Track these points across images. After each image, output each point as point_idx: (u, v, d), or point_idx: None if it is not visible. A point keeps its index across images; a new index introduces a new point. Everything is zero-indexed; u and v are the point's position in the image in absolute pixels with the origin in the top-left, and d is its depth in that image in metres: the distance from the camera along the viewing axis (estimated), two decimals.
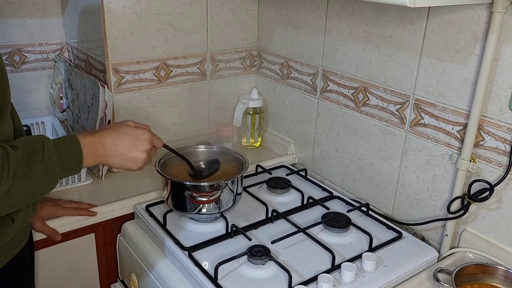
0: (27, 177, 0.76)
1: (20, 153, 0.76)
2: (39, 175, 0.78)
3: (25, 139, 0.81)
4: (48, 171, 0.80)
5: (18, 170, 0.75)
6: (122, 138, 0.92)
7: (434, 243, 1.18)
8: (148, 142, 0.95)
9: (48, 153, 0.80)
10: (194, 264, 1.02)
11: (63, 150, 0.82)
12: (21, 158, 0.76)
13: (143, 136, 0.95)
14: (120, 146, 0.91)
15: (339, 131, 1.38)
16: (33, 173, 0.77)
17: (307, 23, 1.41)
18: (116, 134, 0.92)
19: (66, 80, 1.56)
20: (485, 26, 0.98)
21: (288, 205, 1.27)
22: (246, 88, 1.67)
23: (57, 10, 1.57)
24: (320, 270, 1.00)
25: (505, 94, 0.98)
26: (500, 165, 1.02)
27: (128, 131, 0.94)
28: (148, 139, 0.95)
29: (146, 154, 0.94)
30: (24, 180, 0.76)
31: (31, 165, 0.77)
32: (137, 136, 0.94)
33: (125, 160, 0.93)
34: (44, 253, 1.17)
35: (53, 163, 0.80)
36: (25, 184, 0.77)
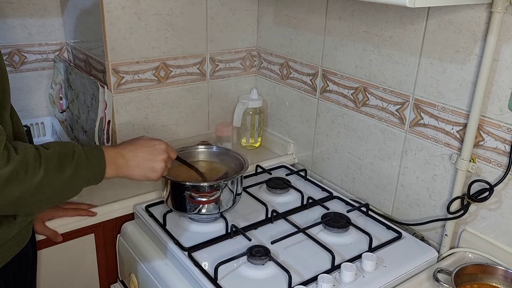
0: (57, 174, 0.78)
1: (51, 151, 0.79)
2: (68, 175, 0.80)
3: (56, 142, 0.84)
4: (77, 174, 0.82)
5: (50, 165, 0.77)
6: (140, 149, 0.97)
7: (434, 243, 1.18)
8: (165, 152, 1.00)
9: (78, 156, 0.83)
10: (194, 265, 1.02)
11: (90, 157, 0.86)
12: (52, 156, 0.78)
13: (159, 146, 1.00)
14: (140, 157, 0.96)
15: (339, 131, 1.38)
16: (63, 172, 0.79)
17: (307, 23, 1.41)
18: (134, 146, 0.97)
19: (66, 80, 1.56)
20: (484, 26, 0.98)
21: (288, 205, 1.27)
22: (246, 88, 1.67)
23: (57, 10, 1.57)
24: (320, 270, 1.00)
25: (505, 94, 0.98)
26: (500, 165, 1.02)
27: (144, 143, 0.99)
28: (164, 149, 1.00)
29: (163, 163, 0.99)
30: (54, 177, 0.78)
31: (62, 164, 0.79)
32: (154, 147, 0.99)
33: (145, 170, 0.97)
34: (44, 253, 1.17)
35: (82, 167, 0.83)
36: (55, 182, 0.78)
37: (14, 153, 0.73)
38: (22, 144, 0.76)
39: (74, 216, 1.16)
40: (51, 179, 0.77)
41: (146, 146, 0.98)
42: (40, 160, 0.76)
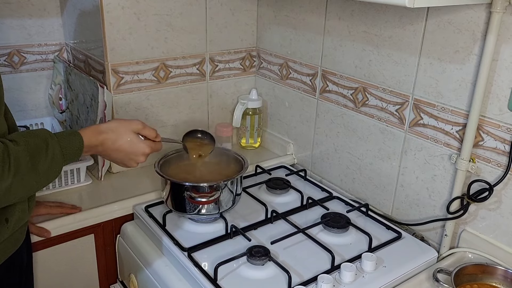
0: (29, 173, 0.76)
1: (21, 149, 0.76)
2: (42, 171, 0.78)
3: (27, 133, 0.81)
4: (51, 168, 0.80)
5: (20, 167, 0.74)
6: (118, 152, 0.96)
7: (434, 243, 1.18)
8: (144, 157, 1.00)
9: (52, 150, 0.80)
10: (193, 265, 1.02)
11: (66, 146, 0.83)
12: (23, 155, 0.75)
13: (143, 150, 0.99)
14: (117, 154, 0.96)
15: (339, 131, 1.38)
16: (36, 170, 0.77)
17: (306, 23, 1.41)
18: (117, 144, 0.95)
19: (65, 81, 1.56)
20: (484, 26, 0.98)
21: (288, 205, 1.27)
22: (245, 89, 1.67)
23: (56, 11, 1.57)
24: (320, 271, 1.00)
25: (504, 94, 0.98)
26: (500, 165, 1.02)
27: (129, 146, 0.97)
28: (145, 154, 1.00)
29: (144, 158, 1.00)
30: (25, 177, 0.76)
31: (34, 163, 0.77)
32: (132, 153, 0.98)
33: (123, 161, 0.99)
34: (43, 254, 1.17)
35: (56, 160, 0.81)
36: (27, 181, 0.76)
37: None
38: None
39: (57, 214, 1.16)
40: (22, 180, 0.75)
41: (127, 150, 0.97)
42: (10, 160, 0.73)
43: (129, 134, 0.97)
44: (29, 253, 1.02)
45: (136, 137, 0.98)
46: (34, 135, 0.81)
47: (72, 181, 1.32)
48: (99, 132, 0.93)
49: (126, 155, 0.97)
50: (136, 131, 0.99)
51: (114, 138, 0.95)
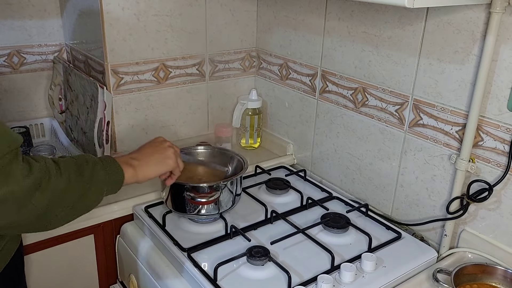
0: (78, 178, 0.79)
1: (67, 159, 0.81)
2: (87, 179, 0.81)
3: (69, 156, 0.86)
4: (95, 178, 0.83)
5: (70, 171, 0.78)
6: (144, 147, 1.02)
7: (434, 243, 1.18)
8: (164, 140, 1.04)
9: (92, 161, 0.84)
10: (193, 265, 1.02)
11: (105, 163, 0.87)
12: (69, 162, 0.80)
13: (158, 138, 1.05)
14: (148, 152, 1.00)
15: (338, 132, 1.38)
16: (83, 176, 0.80)
17: (306, 24, 1.41)
18: (137, 149, 1.01)
19: (65, 81, 1.56)
20: (483, 26, 0.98)
21: (288, 205, 1.27)
22: (245, 89, 1.67)
23: (56, 12, 1.58)
24: (320, 271, 1.00)
25: (504, 94, 0.98)
26: (499, 165, 1.02)
27: (144, 144, 1.04)
28: (162, 139, 1.05)
29: (171, 148, 1.03)
30: (76, 181, 0.79)
31: (80, 169, 0.81)
32: (153, 141, 1.04)
33: (160, 161, 1.00)
34: (43, 255, 1.17)
35: (99, 170, 0.84)
36: (78, 186, 0.79)
37: (34, 162, 0.73)
38: (39, 155, 0.77)
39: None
40: (74, 183, 0.78)
41: (147, 144, 1.03)
42: (59, 166, 0.77)
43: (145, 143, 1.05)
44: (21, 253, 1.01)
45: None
46: (74, 155, 0.86)
47: None
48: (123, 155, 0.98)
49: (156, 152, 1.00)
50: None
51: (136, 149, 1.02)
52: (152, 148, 1.01)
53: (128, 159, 0.95)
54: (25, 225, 0.75)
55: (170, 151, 1.02)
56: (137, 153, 0.99)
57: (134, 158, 0.96)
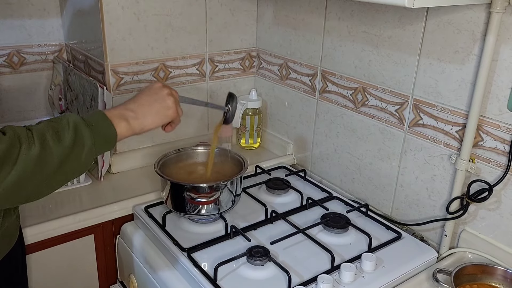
0: (56, 144, 0.74)
1: (43, 125, 0.75)
2: (68, 144, 0.75)
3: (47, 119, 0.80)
4: (78, 141, 0.77)
5: (45, 138, 0.73)
6: (140, 96, 0.92)
7: (433, 244, 1.18)
8: (163, 87, 0.94)
9: (74, 123, 0.78)
10: (193, 265, 1.02)
11: (89, 119, 0.80)
12: (45, 129, 0.74)
13: (155, 85, 0.95)
14: (145, 103, 0.91)
15: (338, 132, 1.38)
16: (62, 141, 0.75)
17: (306, 23, 1.41)
18: (133, 98, 0.92)
19: (65, 81, 1.56)
20: (483, 26, 0.98)
21: (288, 205, 1.27)
22: (245, 89, 1.67)
23: (56, 11, 1.57)
24: (320, 271, 1.00)
25: (504, 94, 0.98)
26: (499, 165, 1.02)
27: (141, 91, 0.94)
28: (161, 85, 0.95)
29: (171, 97, 0.94)
30: (53, 148, 0.73)
31: (59, 134, 0.75)
32: (151, 88, 0.94)
33: (158, 112, 0.92)
34: (43, 255, 1.17)
35: (83, 132, 0.78)
36: (55, 153, 0.74)
37: (1, 134, 0.69)
38: (9, 126, 0.72)
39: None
40: (50, 151, 0.73)
41: (143, 91, 0.94)
42: (33, 134, 0.72)
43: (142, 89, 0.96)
44: (23, 250, 1.01)
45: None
46: (54, 118, 0.80)
47: (71, 182, 1.31)
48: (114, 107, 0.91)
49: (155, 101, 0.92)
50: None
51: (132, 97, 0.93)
52: (149, 97, 0.92)
53: (123, 110, 0.88)
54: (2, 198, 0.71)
55: (169, 100, 0.93)
56: (133, 103, 0.90)
57: (129, 109, 0.89)
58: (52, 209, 1.19)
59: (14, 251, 0.93)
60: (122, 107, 0.89)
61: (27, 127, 0.74)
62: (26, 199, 0.76)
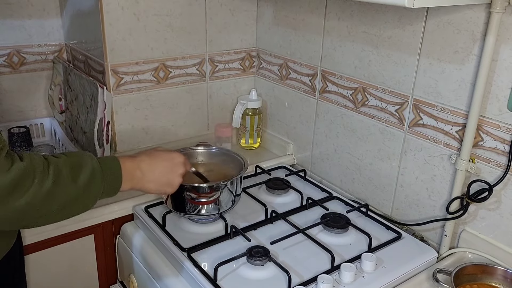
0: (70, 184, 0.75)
1: (62, 160, 0.76)
2: (82, 186, 0.77)
3: (67, 152, 0.82)
4: (91, 186, 0.79)
5: (61, 174, 0.74)
6: (158, 163, 0.95)
7: (434, 244, 1.18)
8: (183, 166, 0.98)
9: (92, 167, 0.80)
10: (193, 265, 1.02)
11: (105, 168, 0.83)
12: (64, 164, 0.75)
13: (178, 159, 0.98)
14: (157, 171, 0.94)
15: (338, 132, 1.38)
16: (76, 182, 0.76)
17: (306, 23, 1.41)
18: (152, 160, 0.94)
19: (65, 81, 1.56)
20: (483, 26, 0.98)
21: (288, 205, 1.27)
22: (245, 89, 1.67)
23: (56, 11, 1.57)
24: (320, 271, 1.00)
25: (504, 94, 0.98)
26: (499, 165, 1.02)
27: (163, 155, 0.97)
28: (183, 162, 0.98)
29: (181, 178, 0.98)
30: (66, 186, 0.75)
31: (75, 174, 0.77)
32: (172, 160, 0.97)
33: (162, 185, 0.96)
34: (43, 255, 1.17)
35: (97, 179, 0.80)
36: (67, 191, 0.75)
37: (18, 160, 0.70)
38: (28, 153, 0.73)
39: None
40: (62, 188, 0.74)
41: (164, 160, 0.96)
42: (49, 167, 0.73)
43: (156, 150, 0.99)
44: (21, 252, 1.01)
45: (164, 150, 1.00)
46: (73, 153, 0.82)
47: None
48: (133, 156, 0.94)
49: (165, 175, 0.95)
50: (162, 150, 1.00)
51: (147, 153, 0.96)
52: (164, 169, 0.95)
53: (134, 169, 0.90)
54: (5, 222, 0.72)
55: (178, 180, 0.97)
56: (147, 164, 0.93)
57: (141, 168, 0.91)
58: None
59: (13, 252, 0.93)
60: (136, 163, 0.91)
61: (45, 157, 0.75)
62: (25, 226, 0.77)
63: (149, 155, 0.95)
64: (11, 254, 0.92)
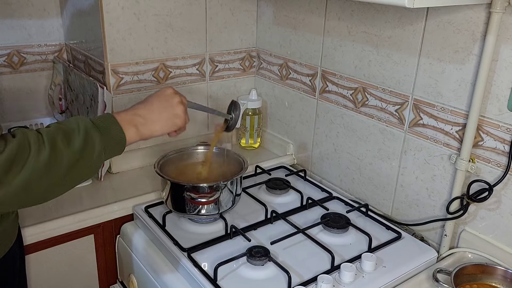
0: (66, 149, 0.74)
1: (53, 129, 0.75)
2: (78, 148, 0.75)
3: (58, 121, 0.80)
4: (89, 145, 0.77)
5: (56, 141, 0.73)
6: (151, 102, 0.92)
7: (434, 243, 1.18)
8: (176, 94, 0.95)
9: (84, 126, 0.78)
10: (193, 265, 1.02)
11: (99, 124, 0.80)
12: (56, 132, 0.74)
13: (167, 91, 0.95)
14: (155, 109, 0.91)
15: (338, 132, 1.38)
16: (72, 146, 0.75)
17: (306, 23, 1.41)
18: (145, 103, 0.92)
19: (65, 81, 1.56)
20: (483, 26, 0.98)
21: (288, 205, 1.27)
22: (245, 89, 1.67)
23: (56, 11, 1.57)
24: (320, 271, 1.00)
25: (504, 94, 0.98)
26: (499, 165, 1.02)
27: (153, 95, 0.94)
28: (172, 91, 0.95)
29: (182, 105, 0.94)
30: (63, 152, 0.73)
31: (69, 138, 0.75)
32: (162, 94, 0.94)
33: (168, 119, 0.93)
34: (43, 255, 1.17)
35: (93, 136, 0.78)
36: (65, 157, 0.73)
37: (11, 138, 0.70)
38: (21, 129, 0.72)
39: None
40: (60, 155, 0.73)
41: (155, 97, 0.94)
42: (43, 138, 0.72)
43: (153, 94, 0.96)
44: (22, 253, 1.01)
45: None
46: (65, 120, 0.80)
47: None
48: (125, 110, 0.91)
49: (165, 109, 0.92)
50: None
51: (138, 102, 0.93)
52: (160, 103, 0.92)
53: (132, 116, 0.88)
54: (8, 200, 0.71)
55: (179, 108, 0.94)
56: (143, 108, 0.90)
57: (139, 114, 0.89)
58: (52, 209, 1.19)
59: (13, 251, 0.93)
60: (132, 111, 0.89)
61: (38, 130, 0.75)
62: (34, 202, 0.75)
63: (141, 102, 0.93)
64: (11, 254, 0.92)
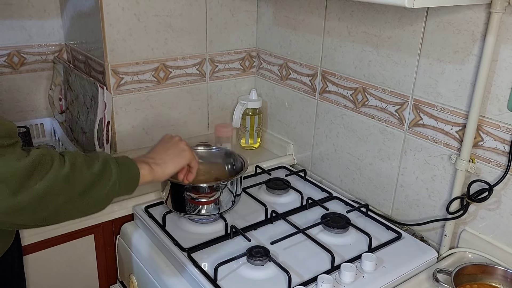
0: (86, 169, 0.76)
1: (73, 152, 0.78)
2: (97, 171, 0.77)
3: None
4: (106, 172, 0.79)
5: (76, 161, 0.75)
6: (155, 148, 1.00)
7: (434, 244, 1.18)
8: (172, 136, 1.03)
9: (103, 157, 0.81)
10: (193, 265, 1.02)
11: (117, 159, 0.85)
12: (77, 154, 0.77)
13: (165, 136, 1.04)
14: (160, 150, 0.98)
15: (338, 132, 1.38)
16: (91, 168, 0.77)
17: (306, 24, 1.41)
18: (149, 151, 0.99)
19: (65, 81, 1.56)
20: (483, 26, 0.98)
21: (288, 205, 1.27)
22: (245, 89, 1.67)
23: (56, 12, 1.58)
24: (320, 271, 1.00)
25: (504, 94, 0.98)
26: (499, 165, 1.02)
27: (159, 143, 1.02)
28: (168, 135, 1.04)
29: (182, 141, 1.02)
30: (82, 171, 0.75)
31: (89, 162, 0.78)
32: (161, 139, 1.03)
33: (175, 155, 0.99)
34: (43, 255, 1.17)
35: (111, 165, 0.81)
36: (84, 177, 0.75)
37: (34, 149, 0.71)
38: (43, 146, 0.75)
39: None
40: (79, 173, 0.74)
41: (157, 145, 1.01)
42: (64, 156, 0.75)
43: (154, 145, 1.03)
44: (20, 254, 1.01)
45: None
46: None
47: None
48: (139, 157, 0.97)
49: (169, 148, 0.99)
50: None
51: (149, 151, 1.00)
52: (163, 146, 1.00)
53: (143, 158, 0.94)
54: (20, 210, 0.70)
55: (182, 144, 1.01)
56: (150, 153, 0.97)
57: (148, 157, 0.95)
58: None
59: (11, 251, 0.93)
60: (141, 157, 0.96)
61: (60, 152, 0.77)
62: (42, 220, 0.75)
63: (149, 151, 1.00)
64: (8, 254, 0.92)
